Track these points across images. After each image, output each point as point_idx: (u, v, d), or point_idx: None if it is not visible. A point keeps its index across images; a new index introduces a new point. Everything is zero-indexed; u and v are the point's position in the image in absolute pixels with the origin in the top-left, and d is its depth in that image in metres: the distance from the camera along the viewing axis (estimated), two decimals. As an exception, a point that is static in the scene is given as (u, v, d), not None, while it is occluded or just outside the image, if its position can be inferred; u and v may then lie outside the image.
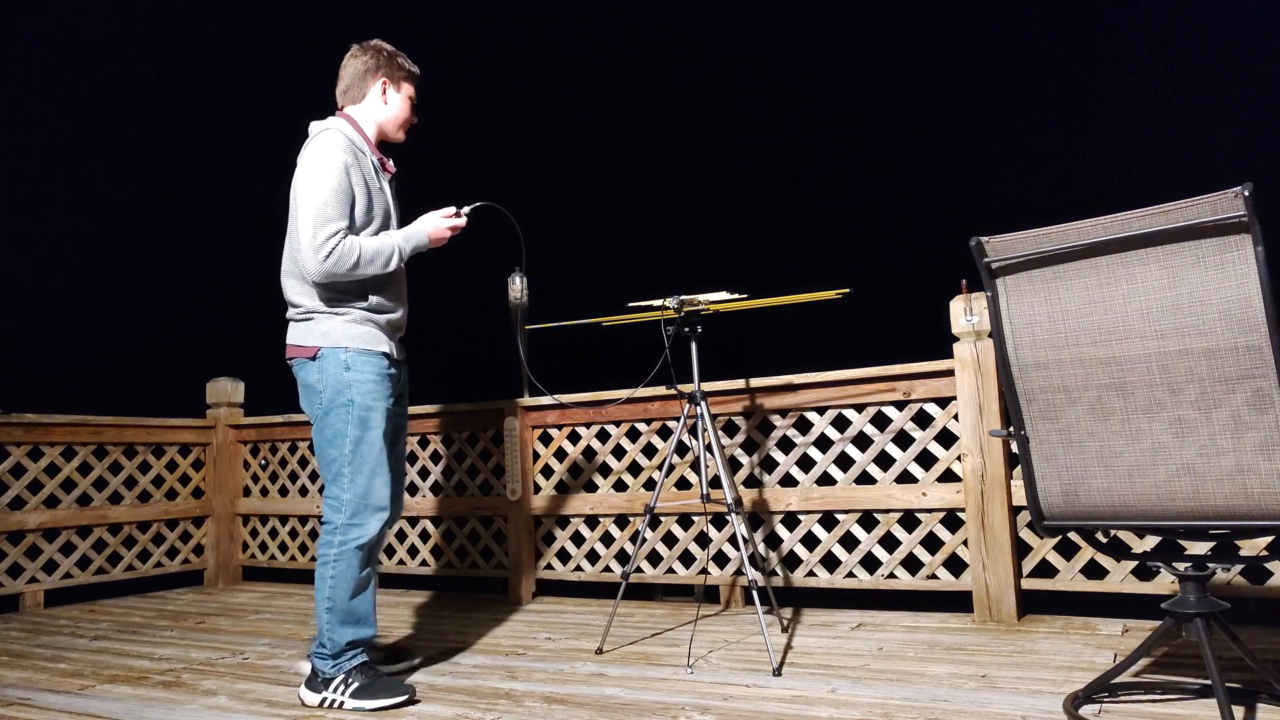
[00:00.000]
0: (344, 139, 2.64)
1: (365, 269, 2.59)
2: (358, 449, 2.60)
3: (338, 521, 2.60)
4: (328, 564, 2.60)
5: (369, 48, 2.79)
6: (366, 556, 2.64)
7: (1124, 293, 1.91)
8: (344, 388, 2.60)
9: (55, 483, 4.76)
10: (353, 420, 2.59)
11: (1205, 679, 2.00)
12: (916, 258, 7.94)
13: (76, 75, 8.90)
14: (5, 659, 3.39)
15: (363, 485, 2.60)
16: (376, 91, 2.76)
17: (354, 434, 2.60)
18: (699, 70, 10.21)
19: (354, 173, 2.61)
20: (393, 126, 2.80)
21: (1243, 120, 7.59)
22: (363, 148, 2.70)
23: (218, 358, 6.84)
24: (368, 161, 2.69)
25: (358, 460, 2.60)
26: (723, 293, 3.01)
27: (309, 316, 2.66)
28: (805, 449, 3.77)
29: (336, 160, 2.58)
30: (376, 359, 2.65)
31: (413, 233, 2.73)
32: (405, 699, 2.53)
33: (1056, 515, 2.09)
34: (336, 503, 2.61)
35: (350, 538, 2.59)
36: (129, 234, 8.98)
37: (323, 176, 2.55)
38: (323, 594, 2.59)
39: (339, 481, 2.61)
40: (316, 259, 2.52)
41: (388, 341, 2.71)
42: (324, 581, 2.59)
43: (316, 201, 2.53)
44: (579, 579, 4.27)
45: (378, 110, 2.77)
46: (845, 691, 2.46)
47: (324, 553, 2.61)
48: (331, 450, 2.62)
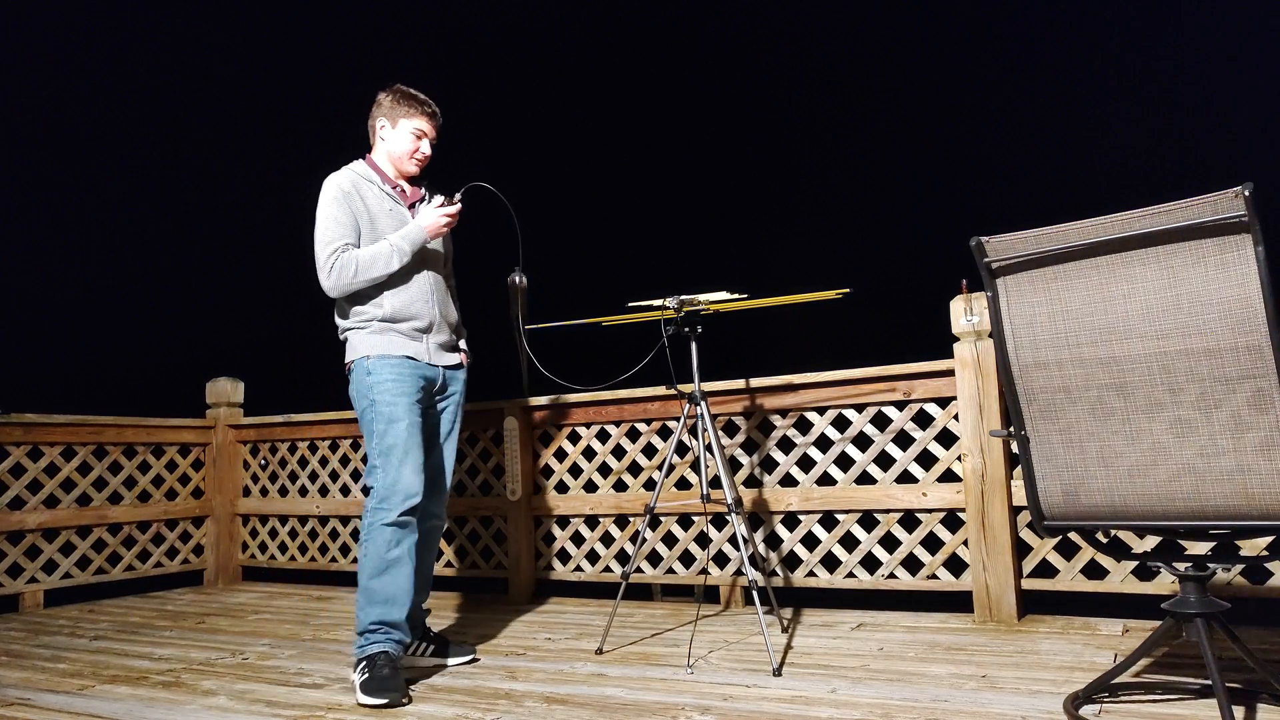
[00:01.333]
0: (347, 173, 2.93)
1: (368, 273, 2.83)
2: (384, 441, 2.82)
3: (370, 504, 2.82)
4: (362, 545, 2.82)
5: (385, 91, 3.03)
6: (394, 537, 2.78)
7: (1124, 292, 1.91)
8: (368, 390, 2.84)
9: (55, 483, 4.75)
10: (379, 417, 2.82)
11: (1205, 679, 2.00)
12: (916, 258, 7.95)
13: (78, 75, 8.90)
14: (5, 659, 3.39)
15: (392, 473, 2.80)
16: (378, 130, 3.02)
17: (380, 429, 2.82)
18: (699, 70, 10.21)
19: (354, 200, 2.89)
20: (398, 159, 3.01)
21: (1243, 120, 7.59)
22: (371, 179, 2.96)
23: (218, 358, 6.85)
24: (374, 190, 2.94)
25: (385, 452, 2.82)
26: (723, 293, 3.01)
27: (344, 335, 2.94)
28: (805, 449, 3.76)
29: (331, 191, 2.88)
30: (396, 362, 2.87)
31: (408, 230, 2.91)
32: (389, 702, 2.52)
33: (1057, 515, 2.09)
34: (372, 490, 2.84)
35: (378, 518, 2.79)
36: (129, 234, 8.98)
37: (322, 208, 2.88)
38: (360, 573, 2.80)
39: (374, 473, 2.82)
40: (324, 275, 2.83)
41: (413, 346, 2.92)
42: (360, 562, 2.82)
43: (319, 229, 2.86)
44: (579, 579, 4.26)
45: (381, 146, 3.02)
46: (845, 691, 2.46)
47: (361, 535, 2.83)
48: (367, 446, 2.88)
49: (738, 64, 10.14)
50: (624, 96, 10.05)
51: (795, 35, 9.91)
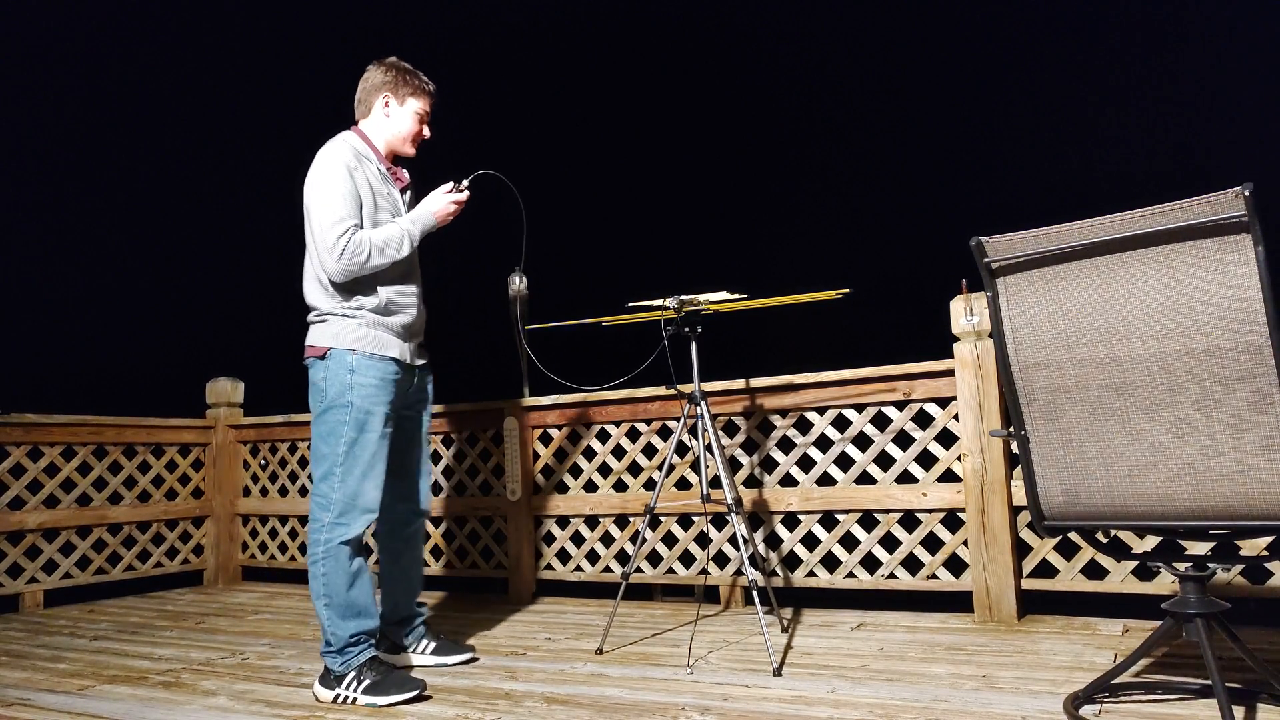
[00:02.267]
0: (347, 146, 2.74)
1: (379, 258, 2.66)
2: (351, 450, 2.64)
3: (325, 519, 2.63)
4: (317, 562, 2.63)
5: (381, 64, 2.87)
6: (354, 550, 2.66)
7: (1124, 293, 1.91)
8: (346, 389, 2.65)
9: (55, 483, 4.76)
10: (350, 421, 2.64)
11: (1205, 679, 2.00)
12: (916, 258, 7.93)
13: (78, 75, 8.90)
14: (5, 659, 3.39)
15: (353, 486, 2.64)
16: (380, 105, 2.84)
17: (350, 435, 2.64)
18: (699, 69, 10.21)
19: (357, 175, 2.69)
20: (398, 140, 2.87)
21: (1243, 120, 7.59)
22: (368, 156, 2.78)
23: (218, 358, 6.84)
24: (373, 168, 2.77)
25: (350, 461, 2.64)
26: (723, 293, 3.01)
27: (324, 318, 2.72)
28: (805, 449, 3.76)
29: (338, 164, 2.67)
30: (383, 364, 2.70)
31: (418, 215, 2.79)
32: (416, 694, 2.55)
33: (1057, 515, 2.09)
34: (325, 500, 2.65)
35: (336, 535, 2.63)
36: (129, 234, 8.98)
37: (328, 180, 2.65)
38: (317, 592, 2.63)
39: (329, 480, 2.64)
40: (333, 257, 2.61)
41: (398, 345, 2.76)
42: (316, 580, 2.63)
43: (325, 204, 2.63)
44: (579, 579, 4.26)
45: (382, 124, 2.85)
46: (845, 692, 2.46)
47: (312, 552, 2.65)
48: (324, 447, 2.66)
49: (738, 64, 10.14)
50: (624, 96, 10.05)
51: (795, 35, 9.91)
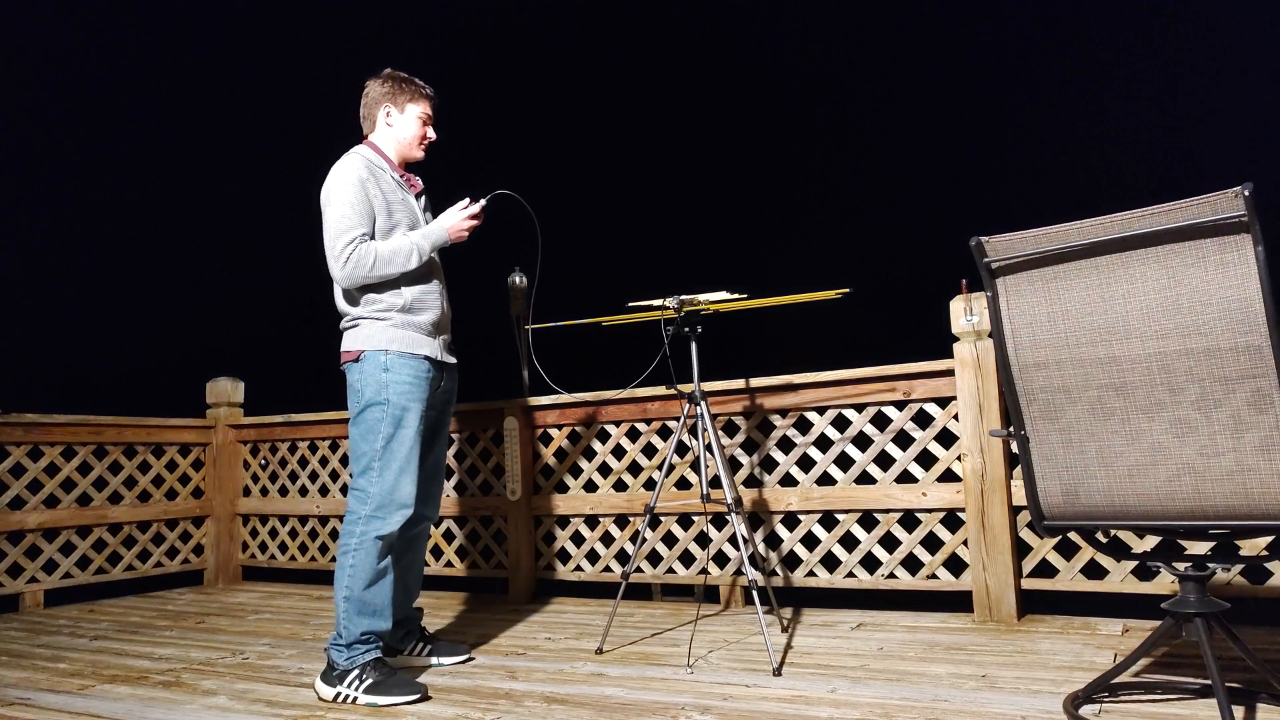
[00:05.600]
0: (360, 159, 2.84)
1: (385, 269, 2.75)
2: (389, 446, 2.72)
3: (361, 513, 2.71)
4: (348, 553, 2.70)
5: (377, 77, 2.96)
6: (385, 548, 2.73)
7: (1124, 293, 1.91)
8: (381, 388, 2.74)
9: (55, 483, 4.76)
10: (387, 418, 2.73)
11: (1205, 679, 2.00)
12: (916, 258, 7.93)
13: (79, 76, 8.90)
14: (5, 659, 3.39)
15: (390, 481, 2.72)
16: (382, 116, 2.93)
17: (387, 431, 2.73)
18: (699, 70, 10.21)
19: (370, 187, 2.79)
20: (406, 146, 2.95)
21: (1243, 120, 7.59)
22: (382, 166, 2.88)
23: (218, 358, 6.84)
24: (387, 178, 2.87)
25: (388, 456, 2.72)
26: (723, 293, 3.01)
27: (355, 323, 2.82)
28: (805, 449, 3.76)
29: (351, 176, 2.77)
30: (416, 361, 2.79)
31: (430, 230, 2.87)
32: (419, 696, 2.57)
33: (1056, 515, 2.09)
34: (363, 494, 2.72)
35: (371, 529, 2.70)
36: (129, 234, 8.98)
37: (338, 193, 2.76)
38: (341, 583, 2.69)
39: (367, 475, 2.72)
40: (338, 265, 2.72)
41: (429, 344, 2.84)
42: (343, 571, 2.70)
43: (335, 215, 2.74)
44: (579, 579, 4.26)
45: (388, 133, 2.94)
46: (845, 691, 2.46)
47: (345, 542, 2.72)
48: (364, 444, 2.74)
49: (738, 64, 10.14)
50: (624, 97, 10.05)
51: (795, 35, 9.91)
